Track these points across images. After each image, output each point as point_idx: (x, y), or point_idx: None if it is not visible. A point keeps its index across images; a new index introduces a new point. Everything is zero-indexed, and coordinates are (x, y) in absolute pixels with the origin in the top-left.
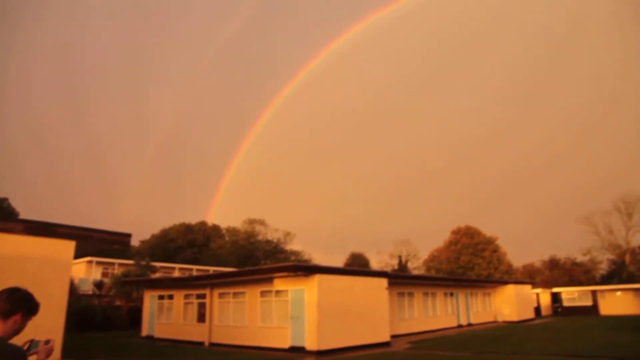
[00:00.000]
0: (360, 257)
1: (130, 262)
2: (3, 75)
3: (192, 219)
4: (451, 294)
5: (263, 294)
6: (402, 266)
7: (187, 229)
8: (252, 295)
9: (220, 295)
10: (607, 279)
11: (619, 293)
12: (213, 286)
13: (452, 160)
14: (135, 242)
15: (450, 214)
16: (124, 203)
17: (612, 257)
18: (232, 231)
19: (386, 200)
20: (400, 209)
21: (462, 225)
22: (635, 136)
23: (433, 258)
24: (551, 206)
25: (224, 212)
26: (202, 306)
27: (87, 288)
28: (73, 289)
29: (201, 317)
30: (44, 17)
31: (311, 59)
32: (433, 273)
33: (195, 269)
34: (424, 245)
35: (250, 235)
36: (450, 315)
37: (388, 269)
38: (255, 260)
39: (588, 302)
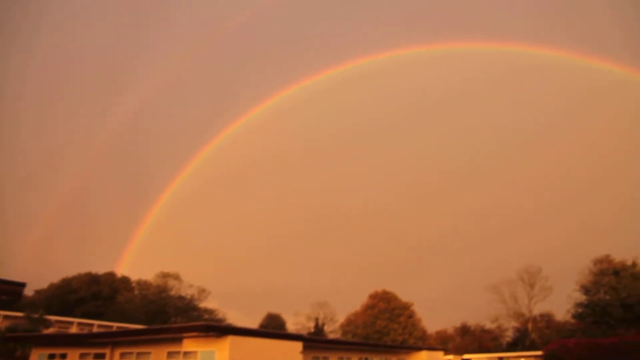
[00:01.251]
0: (277, 318)
1: (20, 314)
2: None
3: (100, 268)
4: (366, 359)
5: (170, 355)
6: (319, 329)
7: (92, 279)
8: (158, 356)
9: (122, 355)
10: (512, 346)
11: None
12: (115, 345)
13: (372, 224)
14: (30, 291)
15: (368, 277)
16: (21, 248)
17: (516, 324)
18: (143, 285)
19: (306, 261)
20: (321, 270)
21: (379, 289)
22: (534, 213)
23: (350, 322)
24: (465, 274)
25: (136, 264)
26: None
27: None
28: None
29: None
30: None
31: (233, 120)
32: (349, 337)
33: (96, 325)
34: (342, 308)
35: (162, 290)
36: None
37: (305, 332)
38: (165, 317)
39: None
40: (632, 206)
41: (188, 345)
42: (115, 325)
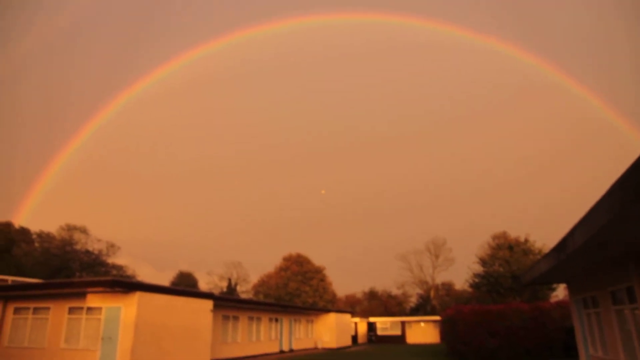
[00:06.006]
0: (189, 276)
1: None
2: None
3: None
4: (276, 320)
5: (72, 310)
6: (231, 289)
7: None
8: (58, 311)
9: (17, 310)
10: (414, 311)
11: (422, 324)
12: (7, 299)
13: (289, 189)
14: None
15: (283, 241)
16: None
17: (420, 291)
18: (45, 237)
19: (221, 220)
20: (236, 231)
21: (293, 252)
22: (442, 191)
23: (263, 283)
24: (377, 243)
25: (38, 215)
26: None
27: None
28: None
29: None
30: None
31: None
32: (261, 298)
33: None
34: (255, 269)
35: (66, 244)
36: (274, 340)
37: (217, 291)
38: (69, 272)
39: (397, 332)
40: (528, 191)
41: (92, 300)
42: (11, 278)
